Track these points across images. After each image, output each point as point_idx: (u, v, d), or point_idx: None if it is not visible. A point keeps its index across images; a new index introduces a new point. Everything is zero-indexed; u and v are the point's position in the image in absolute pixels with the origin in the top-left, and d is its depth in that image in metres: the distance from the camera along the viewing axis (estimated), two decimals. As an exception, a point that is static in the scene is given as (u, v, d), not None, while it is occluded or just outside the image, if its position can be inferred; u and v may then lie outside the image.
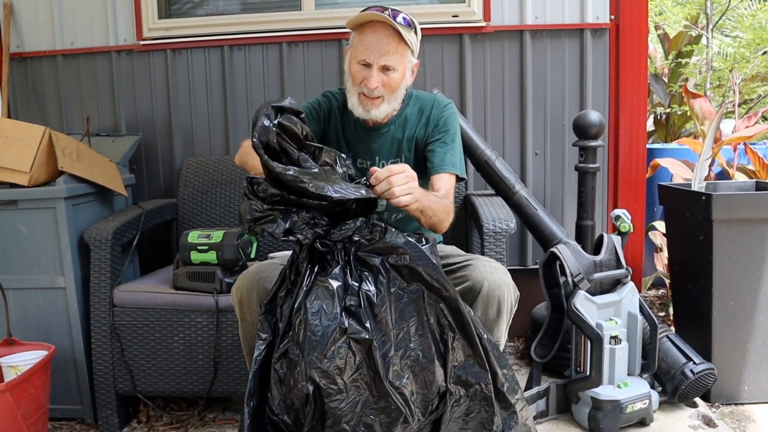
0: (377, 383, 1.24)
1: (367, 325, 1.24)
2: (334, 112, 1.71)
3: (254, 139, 1.20)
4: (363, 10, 1.55)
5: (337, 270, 1.27)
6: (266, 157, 1.20)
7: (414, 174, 1.35)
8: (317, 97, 1.74)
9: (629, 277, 1.95)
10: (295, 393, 1.24)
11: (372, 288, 1.27)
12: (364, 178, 1.33)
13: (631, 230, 2.01)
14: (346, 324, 1.23)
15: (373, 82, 1.54)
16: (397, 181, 1.30)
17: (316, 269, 1.29)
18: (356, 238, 1.29)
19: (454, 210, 1.60)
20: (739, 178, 2.78)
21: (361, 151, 1.69)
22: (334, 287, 1.25)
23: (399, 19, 1.51)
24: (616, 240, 1.98)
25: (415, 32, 1.58)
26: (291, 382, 1.25)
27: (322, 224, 1.28)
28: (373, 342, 1.23)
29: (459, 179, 1.68)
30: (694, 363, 1.93)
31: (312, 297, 1.25)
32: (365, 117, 1.61)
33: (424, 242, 1.32)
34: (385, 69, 1.54)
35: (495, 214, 1.91)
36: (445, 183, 1.62)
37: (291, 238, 1.25)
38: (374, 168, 1.33)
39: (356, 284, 1.27)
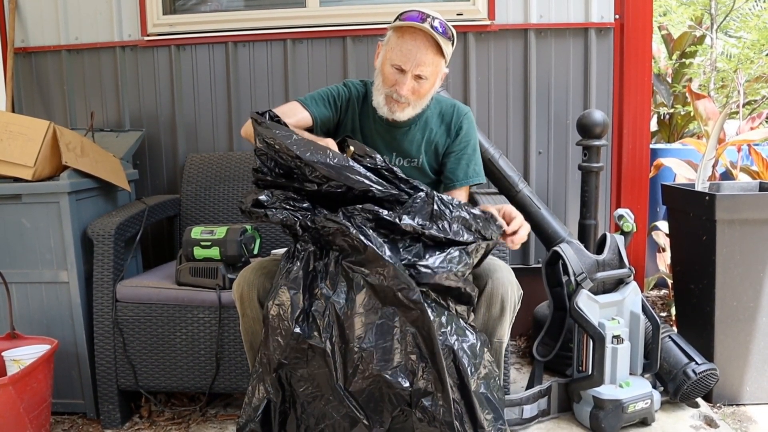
0: (334, 389, 1.28)
1: (326, 333, 1.27)
2: (352, 103, 1.71)
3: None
4: (402, 13, 1.54)
5: (299, 275, 1.31)
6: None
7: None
8: (336, 84, 1.73)
9: (632, 277, 1.95)
10: (272, 383, 1.34)
11: (342, 299, 1.29)
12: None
13: (634, 230, 2.01)
14: (301, 329, 1.29)
15: (405, 90, 1.54)
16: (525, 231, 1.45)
17: (289, 275, 1.34)
18: (338, 242, 1.29)
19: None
20: (743, 178, 2.78)
21: (378, 145, 1.69)
22: (290, 295, 1.30)
23: (437, 25, 1.51)
24: (619, 239, 1.98)
25: (452, 42, 1.57)
26: (270, 373, 1.34)
27: (299, 207, 1.35)
28: (326, 350, 1.27)
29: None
30: (696, 363, 1.93)
31: (275, 300, 1.32)
32: (389, 117, 1.61)
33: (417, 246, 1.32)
34: (418, 77, 1.54)
35: (498, 212, 1.91)
36: (465, 194, 1.70)
37: (258, 210, 1.33)
38: (509, 209, 1.47)
39: (329, 292, 1.29)
